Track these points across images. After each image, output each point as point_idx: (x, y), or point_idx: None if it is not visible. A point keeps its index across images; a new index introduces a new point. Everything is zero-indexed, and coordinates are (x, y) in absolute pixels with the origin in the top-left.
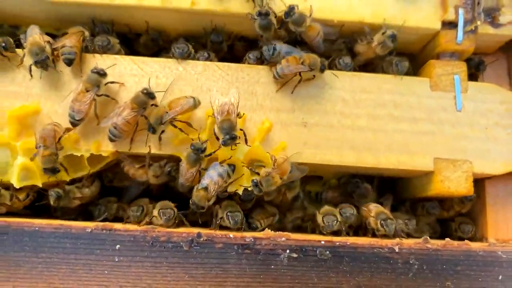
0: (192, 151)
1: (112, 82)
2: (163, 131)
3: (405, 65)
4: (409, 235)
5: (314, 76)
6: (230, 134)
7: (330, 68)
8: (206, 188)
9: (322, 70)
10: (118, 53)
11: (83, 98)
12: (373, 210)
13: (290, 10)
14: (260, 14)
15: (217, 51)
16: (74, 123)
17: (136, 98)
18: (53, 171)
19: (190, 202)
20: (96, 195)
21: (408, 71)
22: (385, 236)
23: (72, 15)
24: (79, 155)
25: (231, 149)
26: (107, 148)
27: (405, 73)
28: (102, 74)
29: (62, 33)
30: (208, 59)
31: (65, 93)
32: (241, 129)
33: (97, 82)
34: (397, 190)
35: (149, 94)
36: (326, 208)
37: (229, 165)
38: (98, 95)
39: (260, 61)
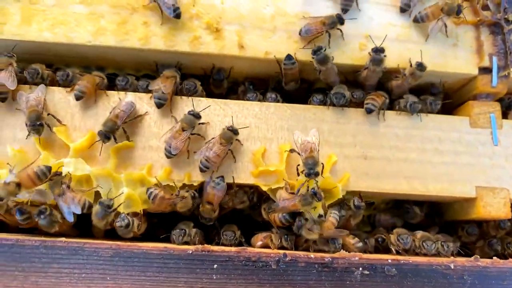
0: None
1: (202, 123)
2: None
3: (438, 104)
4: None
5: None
6: (314, 170)
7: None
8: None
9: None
10: (201, 95)
11: (180, 136)
12: (419, 234)
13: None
14: (315, 52)
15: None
16: (169, 157)
17: (223, 135)
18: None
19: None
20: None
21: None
22: (426, 255)
23: (157, 61)
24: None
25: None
26: (197, 178)
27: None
28: (197, 116)
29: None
30: (276, 100)
31: (154, 130)
32: (322, 163)
33: (193, 123)
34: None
35: (234, 131)
36: (399, 230)
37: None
38: (192, 134)
39: (323, 102)
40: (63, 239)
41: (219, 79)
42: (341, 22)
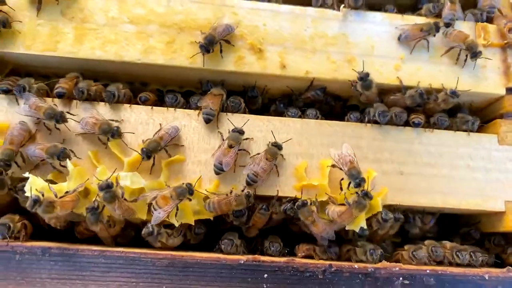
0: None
1: (246, 139)
2: None
3: (476, 124)
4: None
5: None
6: (359, 178)
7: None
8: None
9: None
10: (244, 111)
11: (229, 153)
12: (448, 245)
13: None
14: (361, 78)
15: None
16: (219, 173)
17: (269, 150)
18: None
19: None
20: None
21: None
22: (459, 265)
23: (202, 78)
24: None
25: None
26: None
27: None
28: (241, 132)
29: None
30: (315, 116)
31: (202, 145)
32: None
33: (238, 140)
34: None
35: (278, 147)
36: (430, 241)
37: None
38: (239, 150)
39: (360, 120)
40: (121, 249)
41: (254, 96)
42: (438, 29)
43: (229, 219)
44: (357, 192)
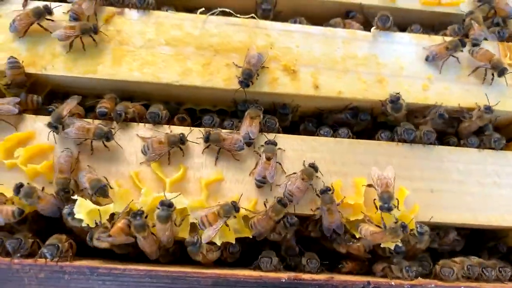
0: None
1: (279, 148)
2: None
3: (503, 142)
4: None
5: None
6: (388, 204)
7: (448, 144)
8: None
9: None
10: (278, 131)
11: (269, 166)
12: (475, 260)
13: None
14: (392, 101)
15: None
16: (260, 186)
17: (305, 171)
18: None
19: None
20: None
21: None
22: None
23: (236, 99)
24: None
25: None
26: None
27: None
28: (275, 143)
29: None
30: (347, 135)
31: (240, 165)
32: (396, 198)
33: (274, 151)
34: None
35: (315, 168)
36: (462, 258)
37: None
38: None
39: (391, 139)
40: (166, 268)
41: (285, 114)
42: (464, 44)
43: (271, 238)
44: (396, 222)
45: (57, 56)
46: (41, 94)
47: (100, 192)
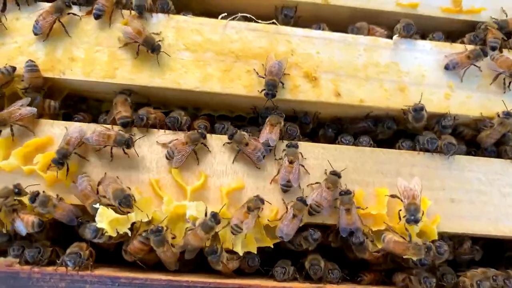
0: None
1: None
2: None
3: None
4: None
5: None
6: (415, 217)
7: (468, 153)
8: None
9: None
10: (299, 138)
11: (292, 169)
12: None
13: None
14: (415, 110)
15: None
16: (286, 190)
17: (329, 179)
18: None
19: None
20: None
21: None
22: None
23: (256, 105)
24: None
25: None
26: (308, 220)
27: None
28: (296, 146)
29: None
30: (369, 143)
31: (260, 173)
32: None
33: (296, 153)
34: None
35: (338, 175)
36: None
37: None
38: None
39: (413, 148)
40: (188, 278)
41: (306, 122)
42: (485, 54)
43: (293, 247)
44: (425, 242)
45: (75, 61)
46: (57, 99)
47: (125, 202)
